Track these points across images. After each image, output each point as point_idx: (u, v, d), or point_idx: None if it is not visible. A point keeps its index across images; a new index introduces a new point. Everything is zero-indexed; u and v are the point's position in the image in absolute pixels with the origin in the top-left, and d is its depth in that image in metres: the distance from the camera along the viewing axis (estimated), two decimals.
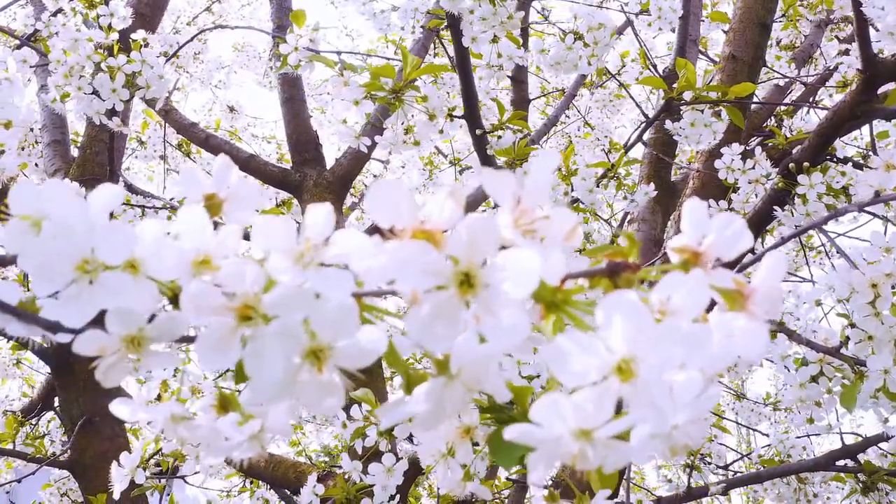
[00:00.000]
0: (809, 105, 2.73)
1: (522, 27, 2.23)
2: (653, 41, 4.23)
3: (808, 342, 1.34)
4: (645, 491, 3.43)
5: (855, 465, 2.01)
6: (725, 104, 1.85)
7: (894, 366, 1.20)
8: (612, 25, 1.93)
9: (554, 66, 1.92)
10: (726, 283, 0.41)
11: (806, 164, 1.66)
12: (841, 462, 2.04)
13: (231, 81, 5.34)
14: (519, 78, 3.37)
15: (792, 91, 3.25)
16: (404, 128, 1.60)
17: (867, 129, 1.92)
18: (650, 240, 2.36)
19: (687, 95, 1.85)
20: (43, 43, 2.19)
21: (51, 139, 2.66)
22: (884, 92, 1.64)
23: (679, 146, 2.44)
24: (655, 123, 2.22)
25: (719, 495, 2.19)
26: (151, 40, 2.00)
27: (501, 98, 3.14)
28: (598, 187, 2.12)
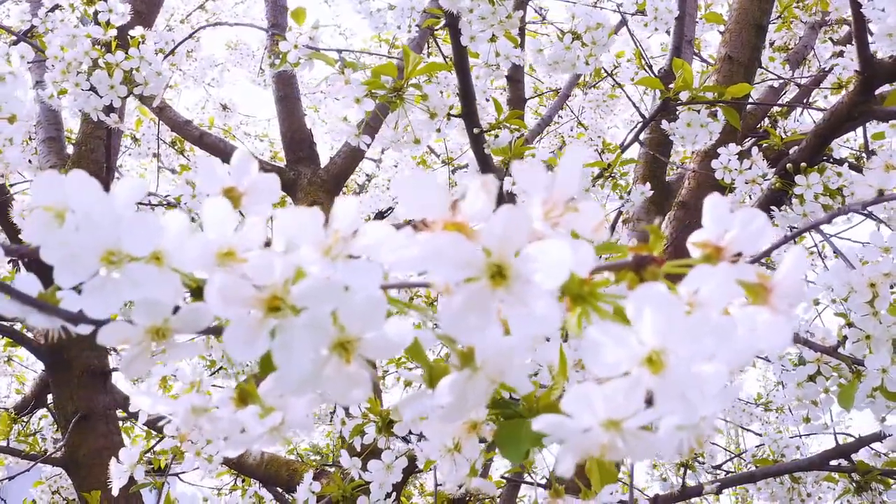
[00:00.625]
0: (804, 106, 2.74)
1: (520, 27, 2.24)
2: (647, 41, 4.24)
3: (806, 341, 1.34)
4: (636, 490, 3.43)
5: (849, 465, 2.02)
6: (722, 105, 1.85)
7: (892, 365, 1.21)
8: (610, 25, 1.93)
9: (552, 66, 1.92)
10: (749, 277, 0.41)
11: (803, 165, 1.67)
12: (835, 462, 2.04)
13: (224, 79, 5.33)
14: (515, 77, 3.37)
15: (786, 92, 3.26)
16: (405, 126, 1.60)
17: (860, 131, 1.93)
18: (645, 240, 2.36)
19: (684, 96, 1.86)
20: (39, 39, 2.19)
21: (46, 136, 2.65)
22: (881, 93, 1.65)
23: (673, 147, 2.45)
24: (650, 123, 2.22)
25: (713, 494, 2.19)
26: (147, 37, 1.99)
27: (496, 98, 3.15)
28: (594, 187, 2.12)
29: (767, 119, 2.84)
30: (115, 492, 1.36)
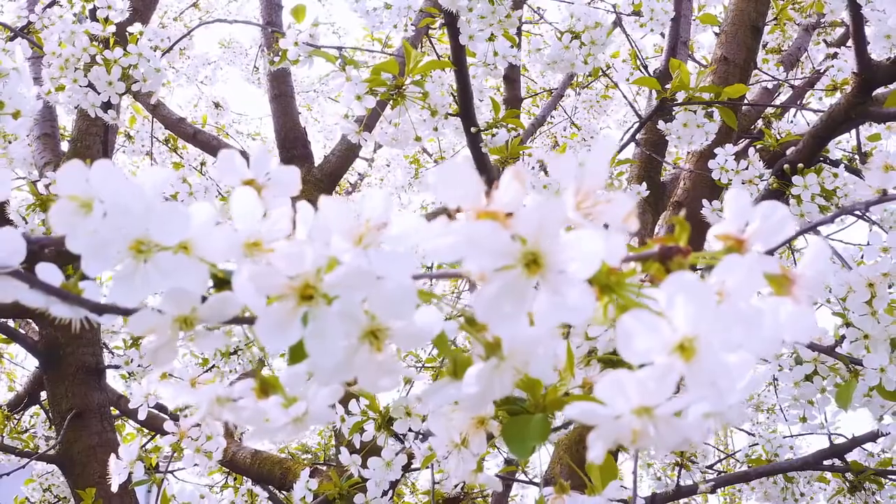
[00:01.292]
0: (798, 107, 2.76)
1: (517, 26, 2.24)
2: (640, 42, 4.25)
3: None
4: (630, 489, 3.44)
5: (843, 465, 2.03)
6: (718, 105, 1.86)
7: (891, 364, 1.22)
8: (608, 25, 1.94)
9: (550, 66, 1.93)
10: (772, 269, 0.42)
11: (800, 166, 1.68)
12: (828, 461, 2.05)
13: (216, 77, 5.33)
14: (512, 77, 3.38)
15: (780, 93, 3.28)
16: (403, 123, 1.60)
17: (853, 132, 1.94)
18: (640, 239, 2.37)
19: (680, 96, 1.86)
20: (36, 35, 2.18)
21: (41, 132, 2.64)
22: (878, 94, 1.66)
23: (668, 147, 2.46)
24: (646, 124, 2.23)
25: (708, 493, 2.20)
26: (145, 34, 1.99)
27: (493, 97, 3.15)
28: None
29: (761, 120, 2.86)
30: (115, 488, 1.36)
